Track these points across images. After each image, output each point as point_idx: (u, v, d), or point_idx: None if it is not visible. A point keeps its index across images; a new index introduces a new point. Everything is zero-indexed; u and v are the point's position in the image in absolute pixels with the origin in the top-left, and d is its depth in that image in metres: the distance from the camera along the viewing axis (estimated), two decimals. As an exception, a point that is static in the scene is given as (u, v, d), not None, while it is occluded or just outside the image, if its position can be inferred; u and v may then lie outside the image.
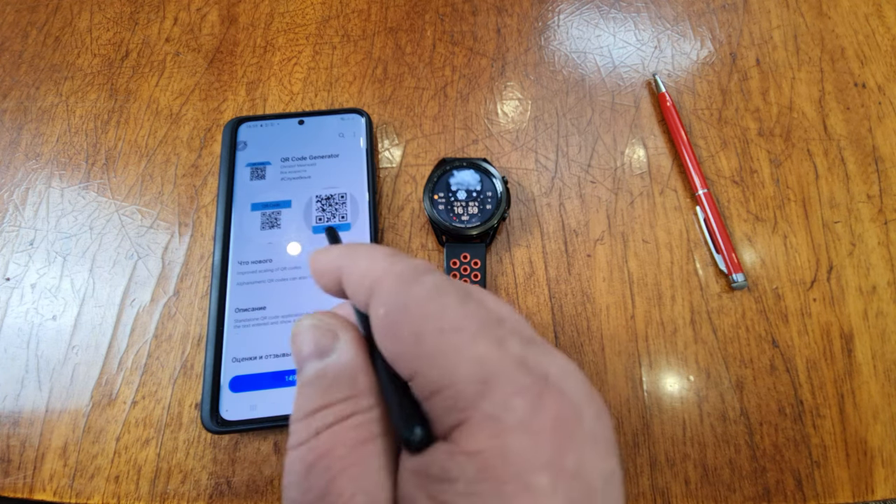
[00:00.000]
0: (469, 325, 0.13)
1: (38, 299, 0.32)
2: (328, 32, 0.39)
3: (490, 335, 0.13)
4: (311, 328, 0.15)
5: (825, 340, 0.31)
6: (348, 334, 0.15)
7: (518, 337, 0.14)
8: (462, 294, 0.14)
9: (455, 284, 0.15)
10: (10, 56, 0.39)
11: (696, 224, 0.33)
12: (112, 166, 0.35)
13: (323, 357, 0.15)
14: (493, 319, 0.14)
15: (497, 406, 0.12)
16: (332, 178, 0.33)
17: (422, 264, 0.15)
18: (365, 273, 0.15)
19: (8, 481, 0.28)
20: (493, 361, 0.13)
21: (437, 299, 0.14)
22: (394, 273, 0.14)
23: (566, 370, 0.13)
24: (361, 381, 0.14)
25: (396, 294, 0.14)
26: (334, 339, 0.15)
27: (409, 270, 0.14)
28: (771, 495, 0.28)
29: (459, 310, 0.13)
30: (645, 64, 0.38)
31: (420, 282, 0.14)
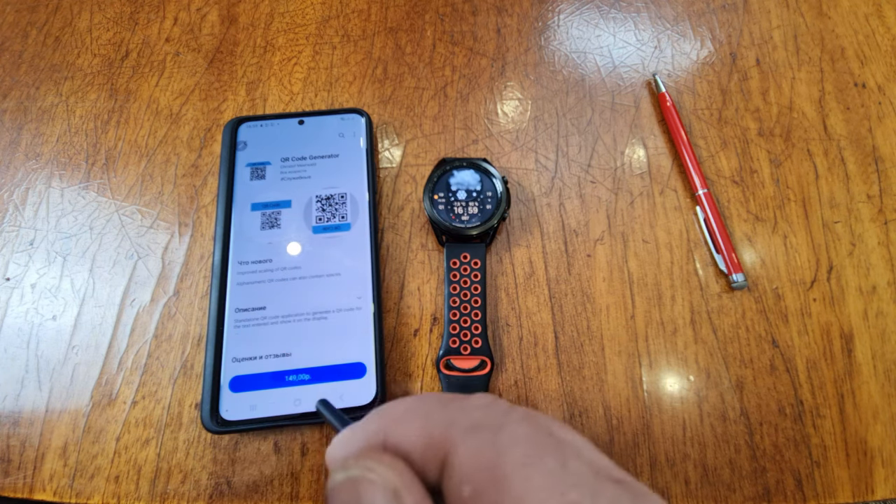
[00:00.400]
0: (582, 497, 0.11)
1: (38, 299, 0.32)
2: (328, 32, 0.39)
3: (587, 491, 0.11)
4: (359, 483, 0.11)
5: (825, 340, 0.31)
6: (415, 497, 0.11)
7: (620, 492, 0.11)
8: (556, 446, 0.11)
9: (540, 428, 0.12)
10: (10, 56, 0.39)
11: (696, 224, 0.33)
12: (112, 166, 0.35)
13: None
14: (593, 476, 0.11)
15: None
16: (332, 178, 0.33)
17: (492, 404, 0.12)
18: (428, 440, 0.12)
19: (8, 481, 0.28)
20: None
21: (538, 465, 0.11)
22: (465, 429, 0.11)
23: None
24: None
25: (482, 462, 0.11)
26: (396, 502, 0.11)
27: (484, 421, 0.11)
28: (771, 495, 0.28)
29: (565, 476, 0.11)
30: (645, 64, 0.38)
31: (507, 440, 0.11)
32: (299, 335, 0.29)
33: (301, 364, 0.29)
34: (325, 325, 0.29)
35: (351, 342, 0.29)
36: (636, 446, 0.29)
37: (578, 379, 0.30)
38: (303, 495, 0.28)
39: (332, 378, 0.28)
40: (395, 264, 0.33)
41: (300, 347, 0.29)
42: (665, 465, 0.29)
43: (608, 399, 0.30)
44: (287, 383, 0.28)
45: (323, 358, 0.29)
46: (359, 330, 0.29)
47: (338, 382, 0.28)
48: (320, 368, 0.28)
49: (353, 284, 0.30)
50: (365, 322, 0.30)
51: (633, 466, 0.29)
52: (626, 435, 0.29)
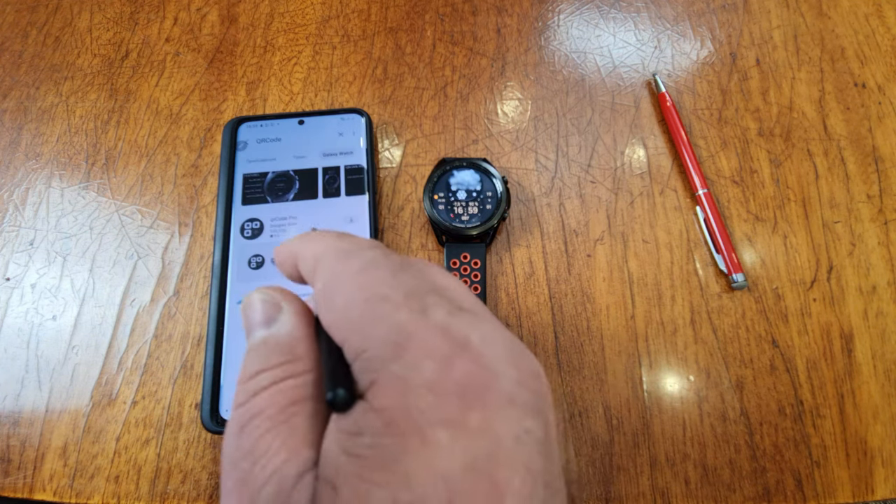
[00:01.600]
0: (395, 295, 0.14)
1: (38, 299, 0.32)
2: (328, 32, 0.39)
3: (415, 304, 0.14)
4: (259, 300, 0.16)
5: (825, 340, 0.31)
6: (291, 307, 0.16)
7: (448, 306, 0.14)
8: (396, 267, 0.15)
9: (393, 258, 0.15)
10: (10, 56, 0.39)
11: (696, 224, 0.33)
12: (112, 166, 0.35)
13: (268, 326, 0.16)
14: (425, 290, 0.15)
15: (406, 367, 0.13)
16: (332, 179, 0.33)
17: (366, 242, 0.16)
18: (314, 253, 0.16)
19: (8, 481, 0.28)
20: (410, 327, 0.13)
21: (370, 271, 0.15)
22: (335, 249, 0.16)
23: (490, 337, 0.14)
24: (300, 348, 0.15)
25: (333, 267, 0.15)
26: (278, 311, 0.16)
27: (350, 247, 0.16)
28: (771, 495, 0.28)
29: (389, 280, 0.14)
30: (645, 64, 0.38)
31: (357, 256, 0.15)
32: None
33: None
34: (325, 325, 0.29)
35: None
36: (636, 446, 0.29)
37: (578, 379, 0.30)
38: (303, 495, 0.28)
39: (332, 378, 0.28)
40: (395, 264, 0.33)
41: None
42: (665, 465, 0.29)
43: (608, 399, 0.30)
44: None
45: None
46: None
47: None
48: (320, 368, 0.28)
49: None
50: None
51: (634, 466, 0.29)
52: (626, 435, 0.29)
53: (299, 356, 0.15)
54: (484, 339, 0.14)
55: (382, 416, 0.13)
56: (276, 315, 0.16)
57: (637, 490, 0.28)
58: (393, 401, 0.13)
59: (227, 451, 0.14)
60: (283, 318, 0.16)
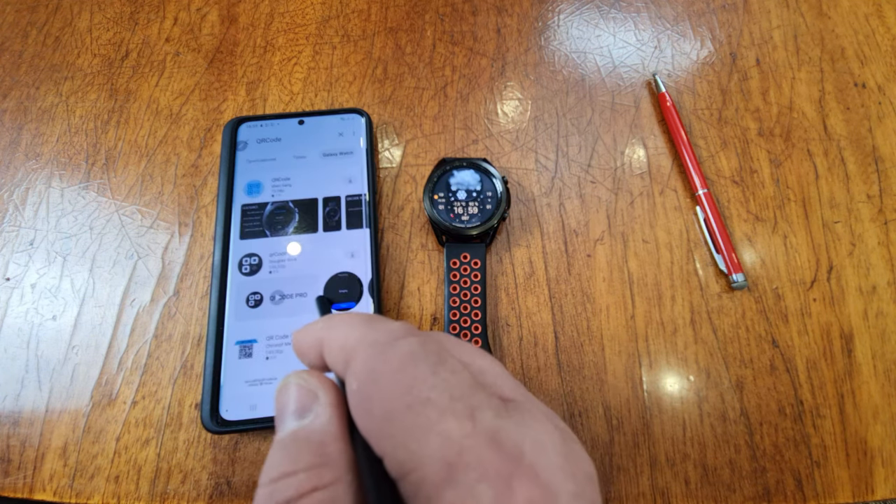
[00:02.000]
0: (440, 399, 0.13)
1: (38, 299, 0.32)
2: (328, 32, 0.39)
3: (462, 408, 0.13)
4: (294, 385, 0.15)
5: (825, 340, 0.31)
6: (329, 397, 0.15)
7: (495, 404, 0.13)
8: (436, 360, 0.14)
9: (431, 348, 0.14)
10: (10, 56, 0.39)
11: (696, 224, 0.33)
12: (112, 166, 0.35)
13: (300, 417, 0.14)
14: (469, 386, 0.13)
15: (462, 494, 0.12)
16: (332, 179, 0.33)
17: (399, 329, 0.15)
18: (342, 344, 0.15)
19: (8, 481, 0.28)
20: (461, 440, 0.12)
21: (409, 370, 0.13)
22: (368, 342, 0.14)
23: (543, 443, 0.13)
24: (333, 448, 0.14)
25: (368, 366, 0.14)
26: (314, 401, 0.15)
27: (383, 338, 0.14)
28: (771, 495, 0.28)
29: (430, 380, 0.13)
30: (645, 64, 0.38)
31: (393, 351, 0.14)
32: (299, 335, 0.29)
33: (301, 364, 0.29)
34: (325, 325, 0.29)
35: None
36: (636, 446, 0.29)
37: (578, 379, 0.30)
38: (303, 495, 0.28)
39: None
40: (395, 264, 0.33)
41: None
42: (665, 465, 0.29)
43: (608, 399, 0.30)
44: (287, 383, 0.28)
45: None
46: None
47: (338, 382, 0.28)
48: (320, 368, 0.28)
49: (352, 284, 0.30)
50: (365, 322, 0.29)
51: (634, 466, 0.29)
52: (626, 435, 0.29)
53: (331, 459, 0.14)
54: (537, 447, 0.13)
55: None
56: (312, 405, 0.15)
57: (637, 490, 0.28)
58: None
59: None
60: (319, 410, 0.14)
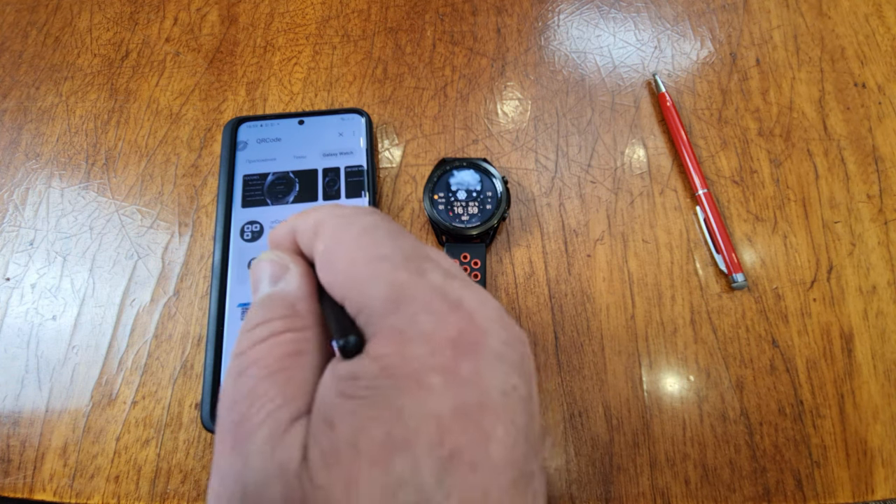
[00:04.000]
0: (394, 256, 0.15)
1: (38, 299, 0.32)
2: (328, 32, 0.39)
3: (413, 266, 0.15)
4: (268, 260, 0.17)
5: (825, 340, 0.31)
6: (297, 268, 0.17)
7: (443, 271, 0.15)
8: (395, 231, 0.16)
9: (392, 224, 0.16)
10: (10, 56, 0.39)
11: (696, 224, 0.33)
12: (112, 166, 0.35)
13: (274, 284, 0.17)
14: (422, 255, 0.15)
15: (404, 320, 0.14)
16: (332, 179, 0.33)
17: (364, 209, 0.17)
18: (312, 225, 0.17)
19: (8, 481, 0.28)
20: (409, 286, 0.14)
21: (370, 234, 0.16)
22: (334, 216, 0.16)
23: (482, 299, 0.15)
24: (302, 305, 0.16)
25: (334, 232, 0.16)
26: (285, 271, 0.17)
27: (349, 213, 0.16)
28: (771, 495, 0.28)
29: (388, 243, 0.15)
30: (645, 64, 0.38)
31: (357, 221, 0.16)
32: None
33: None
34: (325, 325, 0.29)
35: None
36: (636, 446, 0.29)
37: (578, 379, 0.30)
38: (303, 495, 0.28)
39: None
40: (395, 264, 0.33)
41: None
42: (665, 465, 0.29)
43: (608, 399, 0.30)
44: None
45: None
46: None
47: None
48: (320, 368, 0.28)
49: None
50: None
51: (634, 466, 0.29)
52: (626, 435, 0.29)
53: (301, 313, 0.16)
54: (476, 301, 0.15)
55: (380, 362, 0.13)
56: (283, 274, 0.17)
57: (637, 490, 0.28)
58: (390, 349, 0.14)
59: (225, 394, 0.15)
60: (289, 277, 0.17)
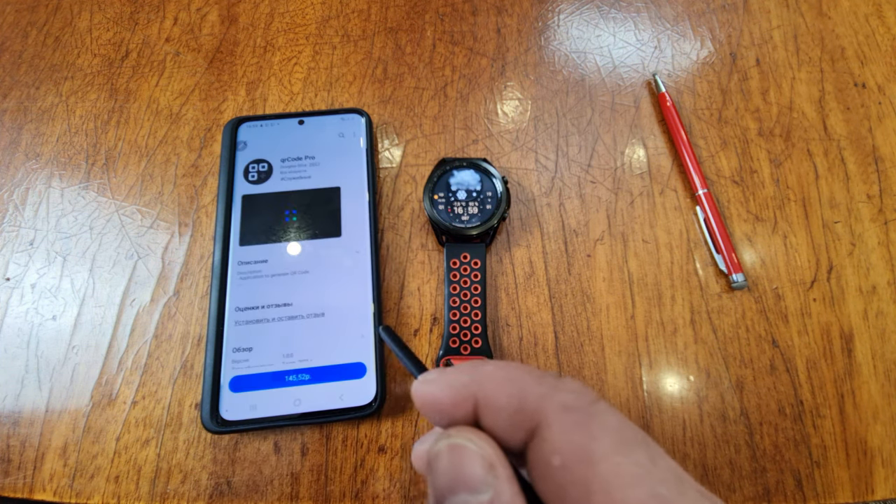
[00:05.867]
0: (670, 494, 0.11)
1: (38, 299, 0.32)
2: (328, 32, 0.39)
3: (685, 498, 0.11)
4: (461, 450, 0.12)
5: (825, 340, 0.31)
6: (506, 470, 0.12)
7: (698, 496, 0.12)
8: (643, 439, 0.12)
9: (630, 424, 0.12)
10: (10, 56, 0.39)
11: (696, 224, 0.33)
12: (112, 166, 0.35)
13: (474, 493, 0.12)
14: (677, 476, 0.12)
15: None
16: (332, 178, 0.33)
17: (583, 389, 0.13)
18: (520, 406, 0.12)
19: (8, 481, 0.28)
20: None
21: (629, 454, 0.11)
22: (558, 405, 0.12)
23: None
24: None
25: (573, 440, 0.12)
26: (491, 473, 0.12)
27: (574, 402, 0.12)
28: (771, 495, 0.28)
29: (655, 471, 0.11)
30: (645, 64, 0.38)
31: (598, 424, 0.12)
32: (299, 335, 0.29)
33: (301, 364, 0.29)
34: (325, 325, 0.29)
35: (351, 342, 0.29)
36: (636, 446, 0.29)
37: (578, 379, 0.30)
38: (303, 495, 0.28)
39: (333, 378, 0.28)
40: (395, 264, 0.33)
41: (300, 347, 0.29)
42: (665, 465, 0.29)
43: (608, 399, 0.30)
44: (287, 383, 0.28)
45: (323, 358, 0.29)
46: (359, 330, 0.29)
47: (338, 382, 0.28)
48: (320, 368, 0.29)
49: (353, 284, 0.30)
50: (365, 322, 0.30)
51: (633, 466, 0.29)
52: (626, 435, 0.29)
53: None
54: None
55: None
56: (488, 479, 0.12)
57: (637, 490, 0.28)
58: None
59: None
60: (500, 488, 0.12)
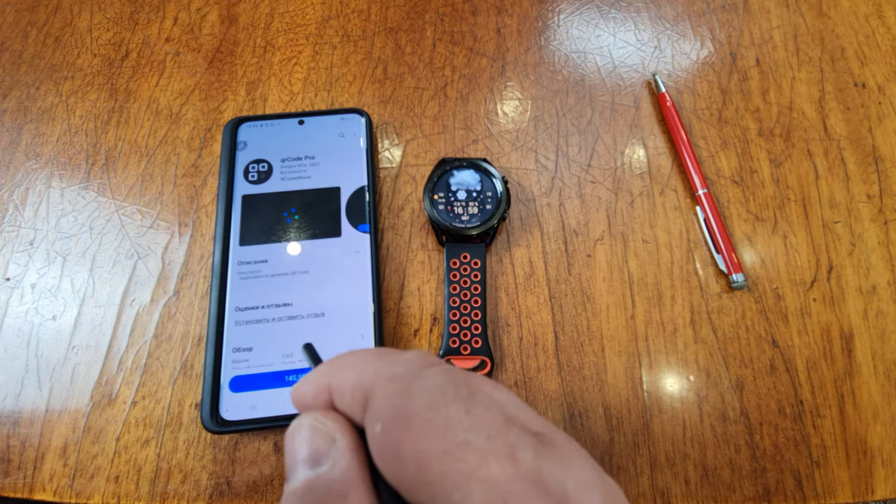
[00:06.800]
0: (478, 440, 0.12)
1: (38, 299, 0.32)
2: (328, 32, 0.39)
3: (502, 448, 0.12)
4: (308, 429, 0.14)
5: (825, 340, 0.31)
6: (347, 441, 0.13)
7: (531, 441, 0.12)
8: (466, 394, 0.13)
9: (457, 379, 0.13)
10: (10, 56, 0.39)
11: (696, 224, 0.33)
12: (112, 166, 0.35)
13: (316, 465, 0.13)
14: (503, 423, 0.13)
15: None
16: (332, 178, 0.33)
17: (417, 359, 0.14)
18: (356, 383, 0.14)
19: (8, 481, 0.28)
20: (505, 485, 0.11)
21: (440, 409, 0.12)
22: (386, 377, 0.13)
23: (584, 484, 0.12)
24: (353, 499, 0.13)
25: (392, 405, 0.13)
26: (330, 445, 0.13)
27: (403, 371, 0.13)
28: (771, 495, 0.28)
29: (466, 420, 0.12)
30: (645, 64, 0.38)
31: (418, 386, 0.13)
32: (299, 335, 0.29)
33: (301, 364, 0.29)
34: (325, 324, 0.29)
35: (351, 342, 0.29)
36: (636, 446, 0.29)
37: (578, 379, 0.30)
38: (303, 495, 0.28)
39: (332, 378, 0.28)
40: (395, 264, 0.33)
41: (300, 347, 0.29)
42: (665, 465, 0.29)
43: (608, 399, 0.30)
44: (287, 383, 0.28)
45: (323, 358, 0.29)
46: (359, 330, 0.29)
47: (338, 382, 0.28)
48: (320, 368, 0.28)
49: (353, 284, 0.30)
50: (365, 322, 0.30)
51: (634, 466, 0.29)
52: (626, 435, 0.29)
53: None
54: (580, 489, 0.12)
55: None
56: (328, 450, 0.13)
57: (637, 490, 0.28)
58: None
59: None
60: (337, 457, 0.13)
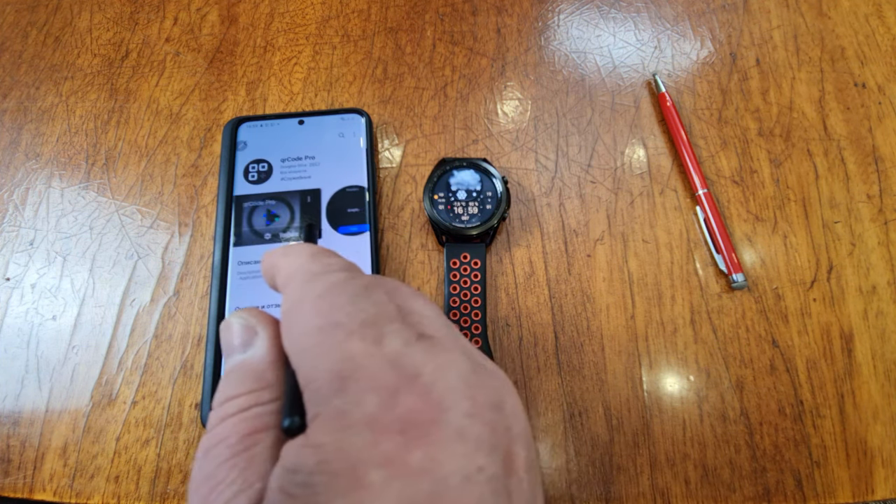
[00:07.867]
0: (349, 323, 0.13)
1: (38, 299, 0.32)
2: (328, 32, 0.39)
3: (371, 333, 0.13)
4: (236, 324, 0.16)
5: (825, 340, 0.31)
6: (267, 331, 0.16)
7: (408, 335, 0.14)
8: (359, 291, 0.14)
9: (359, 282, 0.15)
10: (10, 56, 0.39)
11: (696, 224, 0.33)
12: (112, 166, 0.35)
13: (243, 350, 0.16)
14: (387, 317, 0.14)
15: (348, 402, 0.12)
16: (333, 178, 0.33)
17: (337, 263, 0.15)
18: (287, 271, 0.16)
19: (8, 481, 0.28)
20: (359, 358, 0.13)
21: (329, 297, 0.14)
22: (304, 271, 0.15)
23: (446, 367, 0.13)
24: (271, 374, 0.15)
25: (297, 291, 0.15)
26: (254, 335, 0.16)
27: (318, 269, 0.15)
28: (771, 495, 0.28)
29: (346, 306, 0.14)
30: (645, 64, 0.38)
31: (321, 280, 0.15)
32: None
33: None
34: (325, 325, 0.29)
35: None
36: (636, 446, 0.29)
37: (578, 379, 0.30)
38: (303, 495, 0.28)
39: (332, 378, 0.28)
40: (395, 264, 0.33)
41: None
42: (665, 465, 0.29)
43: (608, 399, 0.30)
44: (287, 383, 0.28)
45: None
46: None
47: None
48: (320, 368, 0.28)
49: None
50: (365, 322, 0.29)
51: (634, 466, 0.29)
52: (626, 435, 0.29)
53: (269, 383, 0.15)
54: (437, 370, 0.13)
55: (317, 452, 0.12)
56: (252, 339, 0.16)
57: (637, 490, 0.28)
58: (329, 437, 0.12)
59: (193, 473, 0.14)
60: (258, 343, 0.16)
